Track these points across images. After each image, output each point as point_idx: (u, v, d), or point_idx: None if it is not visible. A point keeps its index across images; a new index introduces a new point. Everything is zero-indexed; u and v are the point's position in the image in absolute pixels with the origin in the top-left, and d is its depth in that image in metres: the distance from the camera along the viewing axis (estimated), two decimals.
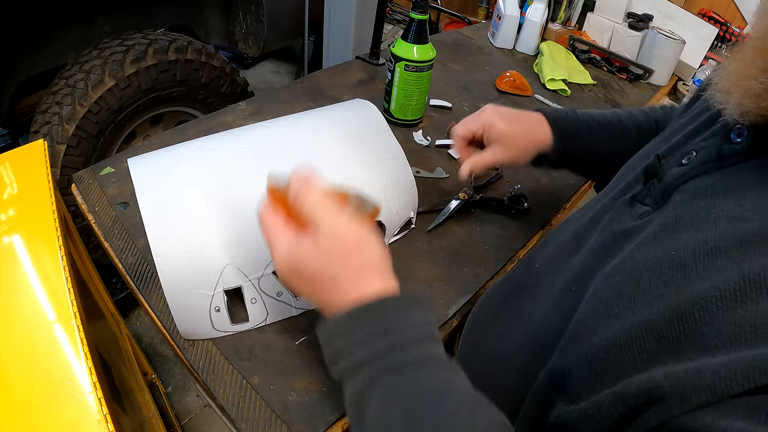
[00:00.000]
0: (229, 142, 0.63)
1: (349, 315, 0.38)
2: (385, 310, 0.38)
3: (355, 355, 0.36)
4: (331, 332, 0.39)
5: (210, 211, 0.56)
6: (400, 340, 0.36)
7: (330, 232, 0.39)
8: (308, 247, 0.40)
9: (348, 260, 0.39)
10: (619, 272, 0.38)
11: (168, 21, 1.62)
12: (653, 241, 0.37)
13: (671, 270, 0.34)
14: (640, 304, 0.34)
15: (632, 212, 0.43)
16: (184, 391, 1.45)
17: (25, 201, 0.62)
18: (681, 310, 0.31)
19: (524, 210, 0.82)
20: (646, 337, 0.32)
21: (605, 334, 0.35)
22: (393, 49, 0.89)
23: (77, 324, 0.50)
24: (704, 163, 0.38)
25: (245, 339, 0.58)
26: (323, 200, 0.40)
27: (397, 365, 0.35)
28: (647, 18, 1.32)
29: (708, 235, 0.33)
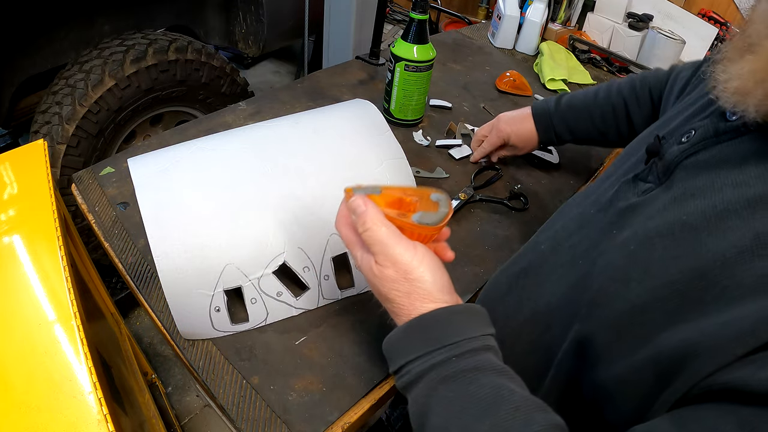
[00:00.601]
0: (229, 142, 0.63)
1: (405, 332, 0.41)
2: (439, 324, 0.40)
3: (414, 369, 0.39)
4: (391, 349, 0.42)
5: (210, 211, 0.56)
6: (456, 353, 0.38)
7: (383, 263, 0.42)
8: (368, 268, 0.44)
9: (398, 286, 0.42)
10: (632, 242, 0.40)
11: (168, 21, 1.62)
12: (663, 212, 0.40)
13: (683, 233, 0.36)
14: (657, 267, 0.37)
15: (636, 189, 0.46)
16: (184, 391, 1.45)
17: (25, 201, 0.62)
18: (700, 268, 0.33)
19: (524, 210, 0.82)
20: (667, 296, 0.35)
21: (626, 299, 0.38)
22: (393, 49, 0.89)
23: (77, 324, 0.50)
24: (703, 140, 0.41)
25: (245, 339, 0.58)
26: (379, 233, 0.42)
27: (452, 375, 0.37)
28: (647, 18, 1.32)
29: (716, 200, 0.36)
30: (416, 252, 0.42)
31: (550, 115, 0.81)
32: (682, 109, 0.50)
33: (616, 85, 0.79)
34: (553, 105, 0.82)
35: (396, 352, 0.41)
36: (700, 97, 0.48)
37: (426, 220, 0.43)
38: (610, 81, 0.86)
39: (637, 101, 0.76)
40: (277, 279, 0.58)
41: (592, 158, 0.98)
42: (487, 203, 0.82)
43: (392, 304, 0.42)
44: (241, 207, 0.57)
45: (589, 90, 0.82)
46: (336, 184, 0.61)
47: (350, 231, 0.46)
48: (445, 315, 0.40)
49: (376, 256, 0.42)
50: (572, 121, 0.80)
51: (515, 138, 0.83)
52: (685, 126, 0.45)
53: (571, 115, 0.80)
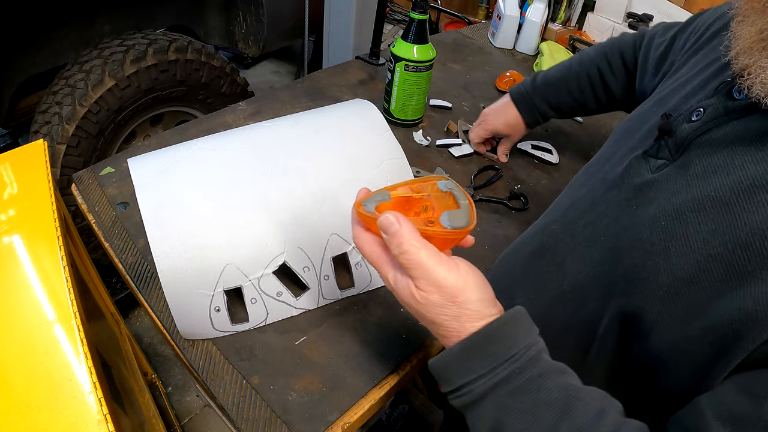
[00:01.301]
0: (229, 142, 0.63)
1: (461, 353, 0.39)
2: (494, 340, 0.39)
3: (476, 389, 0.38)
4: (446, 370, 0.41)
5: (210, 211, 0.56)
6: (517, 366, 0.38)
7: (425, 288, 0.39)
8: (406, 291, 0.41)
9: (446, 311, 0.39)
10: (662, 218, 0.42)
11: (168, 21, 1.62)
12: (687, 188, 0.41)
13: (715, 208, 0.38)
14: (696, 241, 0.38)
15: (648, 166, 0.46)
16: (184, 391, 1.45)
17: (25, 201, 0.62)
18: (741, 240, 0.35)
19: (524, 210, 0.82)
20: (713, 267, 0.36)
21: (670, 272, 0.39)
22: (393, 49, 0.89)
23: (77, 324, 0.50)
24: (714, 119, 0.42)
25: (245, 339, 0.58)
26: (418, 255, 0.39)
27: (519, 388, 0.37)
28: (647, 18, 1.32)
29: (741, 176, 0.37)
30: (459, 272, 0.40)
31: (530, 96, 0.84)
32: (678, 87, 0.51)
33: (587, 55, 0.82)
34: (529, 86, 0.84)
35: (453, 374, 0.40)
36: (697, 73, 0.50)
37: (457, 223, 0.41)
38: (579, 52, 0.91)
39: (611, 68, 0.79)
40: (277, 279, 0.58)
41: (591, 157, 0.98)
42: (487, 203, 0.82)
43: (440, 328, 0.40)
44: (241, 207, 0.57)
45: (562, 64, 0.85)
46: (336, 184, 0.61)
47: (376, 248, 0.43)
48: (497, 329, 0.39)
49: (417, 281, 0.40)
50: (552, 97, 0.83)
51: (503, 127, 0.86)
52: (689, 102, 0.46)
53: (550, 91, 0.83)
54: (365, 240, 0.43)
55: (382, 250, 0.42)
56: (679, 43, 0.64)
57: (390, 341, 0.60)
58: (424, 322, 0.41)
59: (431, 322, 0.41)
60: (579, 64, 0.82)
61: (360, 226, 0.44)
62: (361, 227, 0.44)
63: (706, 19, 0.58)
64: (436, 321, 0.40)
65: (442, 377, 0.41)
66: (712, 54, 0.50)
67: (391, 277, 0.42)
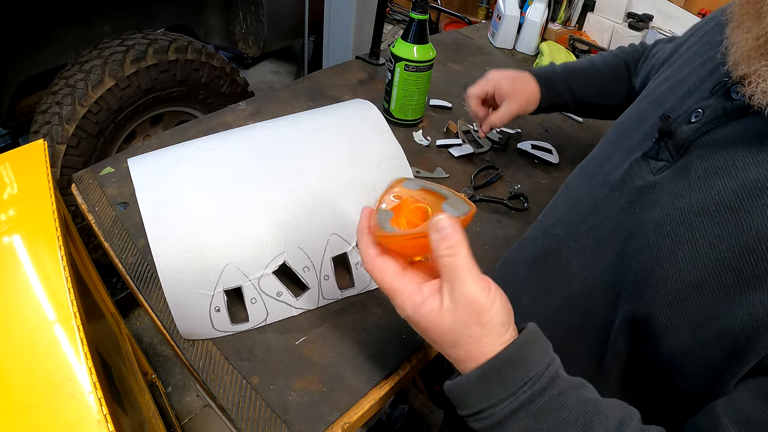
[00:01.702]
0: (229, 142, 0.63)
1: (480, 378, 0.38)
2: (514, 363, 0.38)
3: (498, 413, 0.38)
4: (464, 395, 0.39)
5: (210, 211, 0.56)
6: (538, 388, 0.37)
7: (461, 300, 0.37)
8: (433, 312, 0.38)
9: (471, 329, 0.38)
10: (667, 222, 0.41)
11: (168, 21, 1.62)
12: (689, 192, 0.41)
13: (719, 212, 0.38)
14: (703, 245, 0.38)
15: (648, 168, 0.46)
16: (184, 391, 1.45)
17: (25, 201, 0.62)
18: (748, 245, 0.35)
19: (524, 210, 0.82)
20: (722, 272, 0.36)
21: (679, 277, 0.39)
22: (393, 49, 0.89)
23: (77, 324, 0.50)
24: (713, 119, 0.42)
25: (245, 339, 0.58)
26: (466, 258, 0.38)
27: (541, 410, 0.37)
28: (647, 18, 1.32)
29: (743, 178, 0.37)
30: (491, 290, 0.38)
31: (551, 75, 0.81)
32: (674, 86, 0.51)
33: (610, 54, 0.83)
34: (549, 69, 0.83)
35: (471, 399, 0.39)
36: (693, 71, 0.49)
37: (463, 208, 0.39)
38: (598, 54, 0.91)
39: (629, 66, 0.80)
40: (277, 279, 0.58)
41: None
42: (487, 203, 0.82)
43: (459, 350, 0.38)
44: (241, 207, 0.57)
45: (583, 60, 0.85)
46: (336, 184, 0.61)
47: (398, 274, 0.40)
48: (515, 352, 0.38)
49: (453, 289, 0.37)
50: (572, 82, 0.81)
51: (509, 89, 0.78)
52: (687, 102, 0.46)
53: (571, 76, 0.82)
54: (386, 265, 0.40)
55: (402, 274, 0.40)
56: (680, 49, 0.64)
57: (390, 341, 0.60)
58: (443, 344, 0.39)
59: (452, 344, 0.38)
60: (602, 61, 0.82)
61: (374, 250, 0.41)
62: (376, 251, 0.41)
63: (701, 24, 0.59)
64: (458, 342, 0.38)
65: (460, 402, 0.40)
66: (706, 51, 0.49)
67: (418, 301, 0.39)
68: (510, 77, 0.79)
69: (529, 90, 0.79)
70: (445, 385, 0.41)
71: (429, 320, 0.38)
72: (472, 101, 0.81)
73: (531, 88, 0.79)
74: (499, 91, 0.79)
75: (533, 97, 0.79)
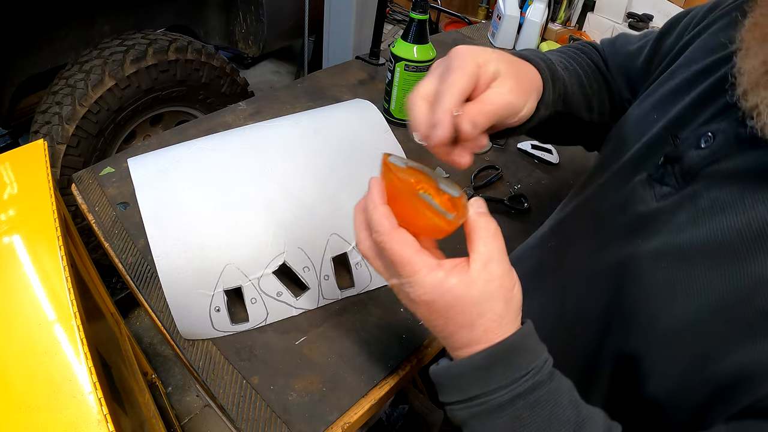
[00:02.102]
0: (229, 142, 0.63)
1: (482, 361, 0.37)
2: (519, 350, 0.37)
3: (494, 400, 0.36)
4: (462, 379, 0.38)
5: (210, 211, 0.56)
6: (539, 379, 0.36)
7: (495, 272, 0.37)
8: (461, 284, 0.36)
9: (497, 304, 0.37)
10: (665, 257, 0.39)
11: (168, 21, 1.62)
12: (693, 226, 0.38)
13: (721, 254, 0.35)
14: (699, 289, 0.36)
15: (653, 192, 0.43)
16: (184, 391, 1.45)
17: (25, 201, 0.62)
18: (745, 293, 0.33)
19: (524, 210, 0.82)
20: (715, 320, 0.34)
21: (671, 319, 0.37)
22: (393, 49, 0.89)
23: (77, 324, 0.50)
24: (724, 147, 0.38)
25: (245, 339, 0.58)
26: (499, 238, 0.38)
27: (538, 402, 0.36)
28: (647, 18, 1.32)
29: (749, 218, 0.35)
30: (513, 271, 0.38)
31: (551, 60, 0.53)
32: (678, 90, 0.46)
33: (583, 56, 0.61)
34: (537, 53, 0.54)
35: (468, 383, 0.37)
36: (699, 75, 0.44)
37: (456, 188, 0.39)
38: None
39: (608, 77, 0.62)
40: (277, 279, 0.58)
41: (591, 158, 0.98)
42: (487, 203, 0.82)
43: (475, 330, 0.37)
44: (241, 207, 0.57)
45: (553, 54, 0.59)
46: (336, 184, 0.61)
47: (406, 242, 0.37)
48: (524, 338, 0.37)
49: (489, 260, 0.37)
50: (563, 71, 0.54)
51: (506, 63, 0.43)
52: (694, 116, 0.42)
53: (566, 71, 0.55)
54: (405, 237, 0.37)
55: (421, 249, 0.38)
56: (667, 43, 0.54)
57: (390, 341, 0.60)
58: (462, 322, 0.37)
59: (471, 322, 0.36)
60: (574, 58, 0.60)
61: (391, 221, 0.38)
62: (394, 222, 0.38)
63: (697, 12, 0.51)
64: (480, 317, 0.36)
65: (452, 386, 0.38)
66: (718, 48, 0.43)
67: (441, 276, 0.36)
68: (500, 54, 0.44)
69: (532, 75, 0.47)
70: (437, 368, 0.39)
71: (455, 294, 0.36)
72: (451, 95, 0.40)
73: (535, 76, 0.48)
74: (488, 71, 0.42)
75: (537, 89, 0.47)
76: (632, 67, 0.59)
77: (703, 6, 0.51)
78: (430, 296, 0.37)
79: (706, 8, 0.50)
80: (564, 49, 0.62)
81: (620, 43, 0.63)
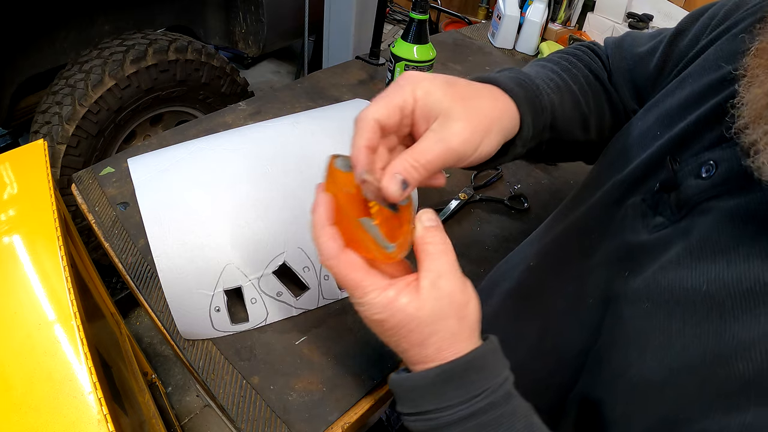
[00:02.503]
0: (229, 142, 0.63)
1: (436, 377, 0.36)
2: (476, 368, 0.36)
3: (444, 418, 0.35)
4: (415, 393, 0.37)
5: (210, 211, 0.56)
6: (494, 399, 0.35)
7: (444, 289, 0.35)
8: (411, 304, 0.35)
9: (449, 322, 0.36)
10: (645, 299, 0.36)
11: (168, 21, 1.62)
12: (677, 267, 0.34)
13: (704, 308, 0.32)
14: (676, 343, 0.33)
15: (645, 222, 0.39)
16: (184, 391, 1.45)
17: (25, 201, 0.62)
18: (724, 356, 0.29)
19: (524, 210, 0.82)
20: (687, 380, 0.31)
21: (642, 371, 0.34)
22: (393, 49, 0.89)
23: (77, 324, 0.50)
24: (726, 181, 0.34)
25: (245, 339, 0.58)
26: (453, 256, 0.36)
27: (490, 422, 0.35)
28: (647, 18, 1.32)
29: (741, 272, 0.31)
30: (467, 285, 0.37)
31: (531, 80, 0.46)
32: (686, 103, 0.40)
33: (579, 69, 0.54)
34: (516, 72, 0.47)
35: (422, 397, 0.36)
36: (707, 90, 0.38)
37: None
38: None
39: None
40: (277, 279, 0.58)
41: None
42: (487, 203, 0.82)
43: (427, 348, 0.36)
44: (241, 207, 0.57)
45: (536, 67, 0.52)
46: None
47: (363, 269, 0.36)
48: (482, 357, 0.36)
49: (437, 278, 0.35)
50: (552, 93, 0.47)
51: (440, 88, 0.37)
52: (701, 142, 0.37)
53: (553, 90, 0.48)
54: (353, 260, 0.36)
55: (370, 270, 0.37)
56: (681, 46, 0.48)
57: None
58: (413, 340, 0.36)
59: (422, 340, 0.36)
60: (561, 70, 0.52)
61: (339, 243, 0.37)
62: (341, 244, 0.37)
63: (717, 11, 0.45)
64: (432, 336, 0.35)
65: (406, 398, 0.37)
66: (731, 53, 0.38)
67: (392, 295, 0.35)
68: (446, 81, 0.38)
69: (494, 107, 0.40)
70: (393, 378, 0.39)
71: (406, 313, 0.35)
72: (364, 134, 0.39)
73: (502, 108, 0.41)
74: (427, 104, 0.37)
75: (500, 124, 0.40)
76: (641, 72, 0.52)
77: (725, 3, 0.44)
78: (381, 316, 0.36)
79: (728, 6, 0.43)
80: (558, 57, 0.55)
81: (628, 44, 0.55)
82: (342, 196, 0.37)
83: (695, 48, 0.44)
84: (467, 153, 0.37)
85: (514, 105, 0.42)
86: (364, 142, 0.36)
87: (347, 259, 0.36)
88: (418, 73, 0.38)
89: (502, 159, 0.45)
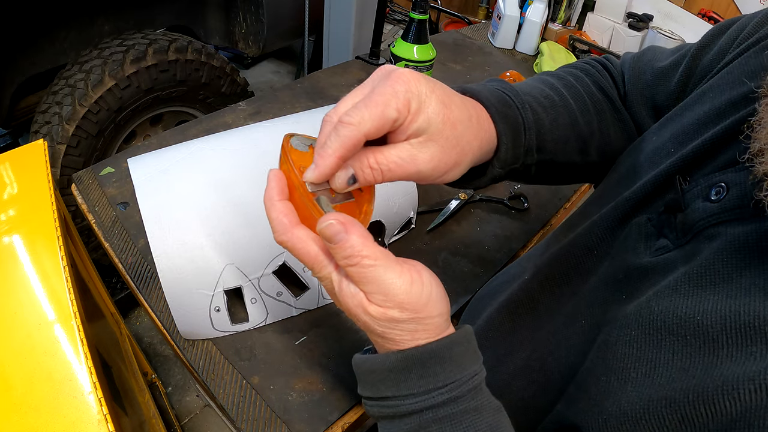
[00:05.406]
0: (229, 142, 0.63)
1: (401, 363, 0.34)
2: (441, 360, 0.34)
3: (404, 406, 0.34)
4: (374, 376, 0.35)
5: (210, 211, 0.56)
6: (457, 393, 0.33)
7: (383, 304, 0.33)
8: (355, 301, 0.33)
9: (404, 326, 0.33)
10: (635, 325, 0.33)
11: (168, 21, 1.62)
12: (673, 294, 0.32)
13: (697, 340, 0.29)
14: (661, 374, 0.30)
15: (648, 244, 0.37)
16: (184, 391, 1.45)
17: (25, 201, 0.62)
18: (708, 394, 0.27)
19: (524, 210, 0.82)
20: (667, 415, 0.29)
21: (619, 401, 0.32)
22: (393, 49, 0.89)
23: (77, 324, 0.50)
24: (737, 207, 0.31)
25: (245, 339, 0.58)
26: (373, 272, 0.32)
27: (451, 416, 0.33)
28: (647, 18, 1.32)
29: (740, 305, 0.28)
30: (423, 283, 0.33)
31: (516, 95, 0.44)
32: (702, 121, 0.38)
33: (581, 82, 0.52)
34: (498, 86, 0.45)
35: (381, 382, 0.34)
36: (725, 109, 0.36)
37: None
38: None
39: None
40: (277, 279, 0.58)
41: None
42: (487, 203, 0.82)
43: (387, 342, 0.34)
44: (241, 206, 0.57)
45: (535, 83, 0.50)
46: None
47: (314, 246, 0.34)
48: (446, 349, 0.34)
49: (371, 295, 0.33)
50: (542, 112, 0.45)
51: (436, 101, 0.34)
52: (713, 162, 0.35)
53: (539, 105, 0.46)
54: (301, 238, 0.34)
55: (316, 242, 0.34)
56: (705, 60, 0.45)
57: None
58: (372, 334, 0.34)
59: (380, 335, 0.34)
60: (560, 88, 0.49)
61: (292, 218, 0.35)
62: (294, 219, 0.35)
63: (746, 23, 0.42)
64: (386, 335, 0.33)
65: (367, 381, 0.35)
66: (757, 67, 0.36)
67: (335, 282, 0.34)
68: (441, 100, 0.35)
69: (472, 135, 0.38)
70: (355, 357, 0.37)
71: (353, 308, 0.34)
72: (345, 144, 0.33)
73: (479, 133, 0.39)
74: (416, 119, 0.34)
75: (478, 147, 0.39)
76: (661, 89, 0.49)
77: (755, 15, 0.41)
78: (332, 297, 0.35)
79: (757, 18, 0.40)
80: (564, 71, 0.53)
81: (648, 58, 0.52)
82: (296, 177, 0.35)
83: (721, 62, 0.42)
84: (431, 177, 0.36)
85: (491, 129, 0.40)
86: (341, 152, 0.32)
87: (300, 234, 0.34)
88: (415, 78, 0.34)
89: (479, 180, 0.44)
